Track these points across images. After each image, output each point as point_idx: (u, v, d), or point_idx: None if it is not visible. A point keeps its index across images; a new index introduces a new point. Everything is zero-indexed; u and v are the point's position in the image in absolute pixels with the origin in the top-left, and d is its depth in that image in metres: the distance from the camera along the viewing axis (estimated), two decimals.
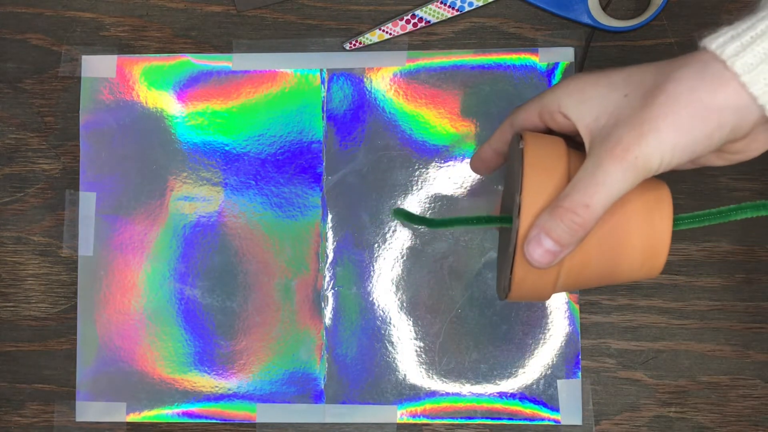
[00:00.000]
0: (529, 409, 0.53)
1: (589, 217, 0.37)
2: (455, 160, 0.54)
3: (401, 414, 0.54)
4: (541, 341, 0.53)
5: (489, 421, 0.53)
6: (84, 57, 0.56)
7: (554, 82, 0.54)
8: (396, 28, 0.54)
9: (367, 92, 0.55)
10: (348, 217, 0.54)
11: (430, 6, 0.53)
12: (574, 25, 0.54)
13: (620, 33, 0.54)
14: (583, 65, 0.54)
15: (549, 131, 0.43)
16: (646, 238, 0.40)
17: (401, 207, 0.53)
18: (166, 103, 0.55)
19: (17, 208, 0.56)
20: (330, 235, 0.54)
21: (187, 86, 0.55)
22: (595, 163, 0.37)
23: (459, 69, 0.54)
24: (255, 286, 0.54)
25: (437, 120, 0.54)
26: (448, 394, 0.53)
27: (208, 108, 0.55)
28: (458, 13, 0.54)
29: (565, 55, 0.54)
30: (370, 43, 0.53)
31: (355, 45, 0.54)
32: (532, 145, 0.40)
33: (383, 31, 0.53)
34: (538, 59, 0.54)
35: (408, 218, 0.44)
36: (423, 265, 0.54)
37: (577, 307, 0.53)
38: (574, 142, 0.41)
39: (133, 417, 0.54)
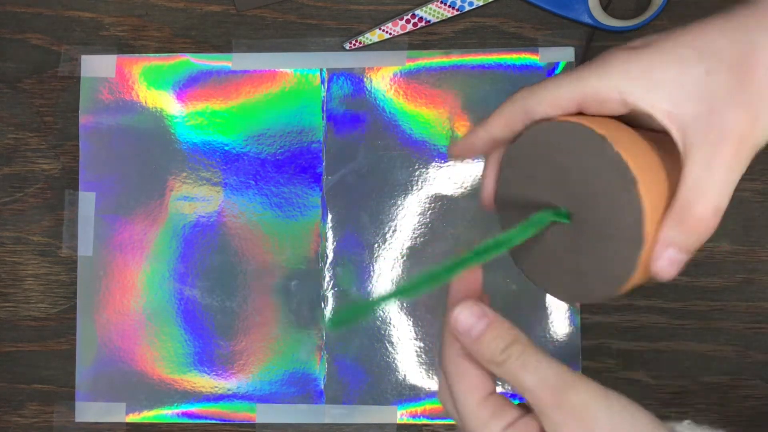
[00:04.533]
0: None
1: (719, 219, 0.33)
2: (457, 161, 0.54)
3: (401, 414, 0.53)
4: (541, 341, 0.53)
5: None
6: (83, 57, 0.56)
7: None
8: (396, 27, 0.54)
9: (367, 92, 0.55)
10: (348, 217, 0.54)
11: (430, 6, 0.53)
12: (574, 24, 0.54)
13: (620, 33, 0.54)
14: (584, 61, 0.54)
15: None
16: None
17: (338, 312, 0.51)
18: (166, 103, 0.55)
19: (17, 208, 0.56)
20: (330, 235, 0.54)
21: (187, 86, 0.55)
22: (708, 159, 0.32)
23: (459, 69, 0.54)
24: (255, 286, 0.54)
25: (437, 120, 0.54)
26: None
27: (208, 108, 0.55)
28: (458, 12, 0.54)
29: (565, 55, 0.54)
30: (370, 42, 0.53)
31: (355, 45, 0.54)
32: (624, 146, 0.34)
33: (383, 30, 0.53)
34: (539, 59, 0.54)
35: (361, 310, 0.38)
36: (423, 265, 0.54)
37: (577, 307, 0.53)
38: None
39: (133, 417, 0.54)
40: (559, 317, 0.53)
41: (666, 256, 0.34)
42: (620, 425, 0.32)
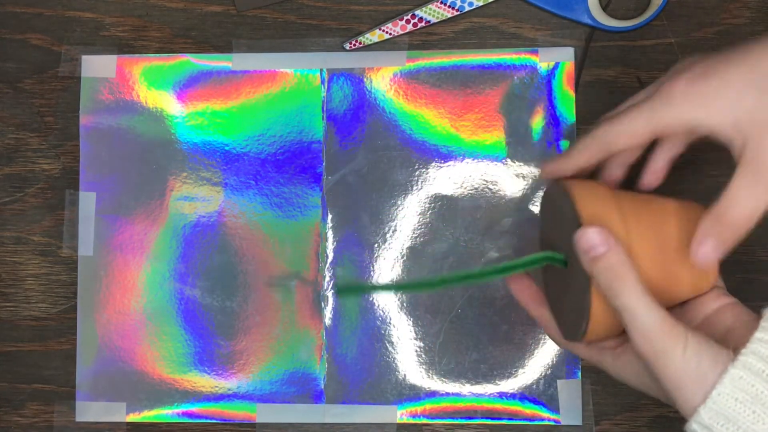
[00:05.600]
0: (529, 409, 0.53)
1: (753, 224, 0.40)
2: (455, 160, 0.54)
3: (401, 414, 0.54)
4: (541, 341, 0.53)
5: (489, 421, 0.53)
6: (84, 57, 0.56)
7: (555, 82, 0.54)
8: (396, 28, 0.54)
9: (367, 92, 0.55)
10: (348, 217, 0.54)
11: (430, 6, 0.53)
12: (574, 24, 0.54)
13: (620, 33, 0.54)
14: (582, 65, 0.54)
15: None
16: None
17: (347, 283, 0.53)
18: (166, 103, 0.55)
19: (17, 208, 0.56)
20: (330, 235, 0.54)
21: (187, 86, 0.55)
22: (752, 173, 0.39)
23: (459, 69, 0.54)
24: (255, 286, 0.54)
25: (437, 120, 0.54)
26: (448, 394, 0.53)
27: (208, 108, 0.55)
28: (458, 13, 0.54)
29: (565, 55, 0.54)
30: (370, 43, 0.53)
31: (355, 45, 0.54)
32: (589, 204, 0.41)
33: (383, 31, 0.53)
34: (538, 59, 0.54)
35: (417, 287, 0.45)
36: (423, 265, 0.54)
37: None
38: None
39: (133, 417, 0.54)
40: None
41: (705, 246, 0.39)
42: None
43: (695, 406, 0.36)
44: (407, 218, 0.54)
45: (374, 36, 0.54)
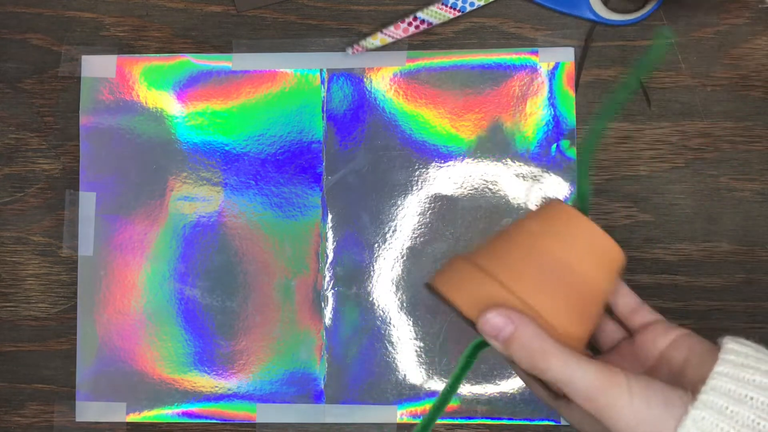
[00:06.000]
0: (529, 410, 0.53)
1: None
2: (455, 160, 0.54)
3: (401, 414, 0.54)
4: None
5: (489, 421, 0.53)
6: (84, 57, 0.56)
7: (555, 82, 0.54)
8: (398, 31, 0.54)
9: (367, 92, 0.55)
10: (348, 217, 0.54)
11: (431, 8, 0.53)
12: (574, 24, 0.54)
13: (620, 33, 0.54)
14: (582, 65, 0.54)
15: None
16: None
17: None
18: (166, 103, 0.55)
19: (17, 208, 0.56)
20: (330, 235, 0.54)
21: (187, 86, 0.55)
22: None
23: (459, 69, 0.54)
24: (255, 286, 0.54)
25: (437, 120, 0.54)
26: None
27: (208, 108, 0.55)
28: (460, 13, 0.54)
29: (565, 55, 0.54)
30: (372, 47, 0.53)
31: (357, 51, 0.54)
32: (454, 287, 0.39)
33: (385, 34, 0.53)
34: (538, 59, 0.54)
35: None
36: (423, 265, 0.54)
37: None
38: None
39: (133, 417, 0.54)
40: None
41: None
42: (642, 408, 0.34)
43: None
44: (407, 218, 0.54)
45: (376, 40, 0.54)
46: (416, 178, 0.54)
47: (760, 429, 0.32)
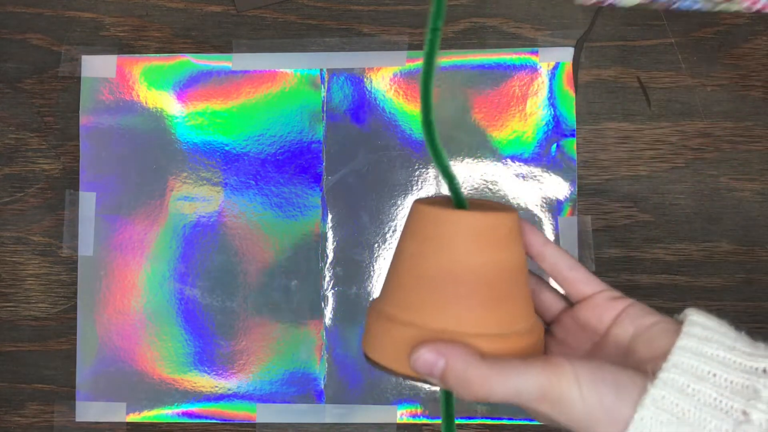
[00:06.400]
0: None
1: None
2: (455, 160, 0.54)
3: (401, 414, 0.54)
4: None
5: (489, 421, 0.53)
6: (84, 57, 0.56)
7: (555, 82, 0.54)
8: None
9: (367, 92, 0.55)
10: (348, 217, 0.54)
11: None
12: (574, 24, 0.54)
13: (620, 33, 0.54)
14: (578, 66, 0.54)
15: None
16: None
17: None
18: (166, 103, 0.55)
19: (17, 208, 0.56)
20: (330, 235, 0.54)
21: (187, 86, 0.55)
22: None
23: (459, 69, 0.54)
24: (255, 286, 0.54)
25: (437, 120, 0.54)
26: None
27: (208, 108, 0.55)
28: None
29: (565, 55, 0.54)
30: (628, 4, 0.44)
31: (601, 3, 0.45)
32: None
33: None
34: (538, 59, 0.54)
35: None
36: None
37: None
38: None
39: (133, 417, 0.54)
40: None
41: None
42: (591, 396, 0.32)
43: None
44: None
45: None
46: (416, 178, 0.54)
47: (721, 407, 0.31)
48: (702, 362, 0.32)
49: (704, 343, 0.32)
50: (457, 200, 0.36)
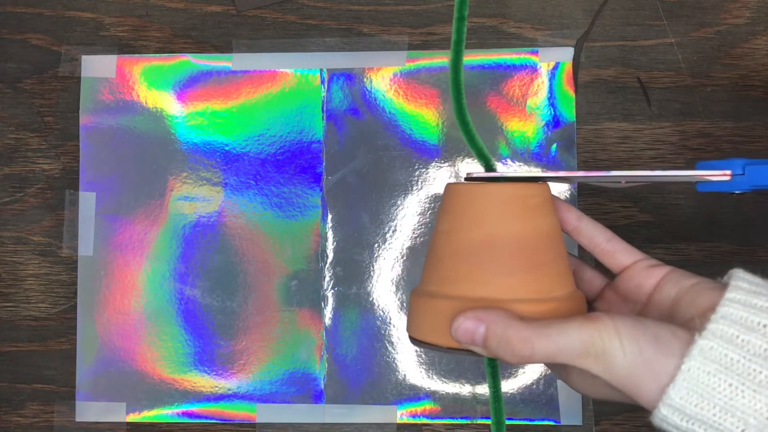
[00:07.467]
0: (529, 410, 0.53)
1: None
2: (455, 160, 0.54)
3: (401, 414, 0.54)
4: None
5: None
6: (84, 57, 0.56)
7: (555, 82, 0.54)
8: None
9: (367, 92, 0.55)
10: (348, 217, 0.54)
11: None
12: (575, 24, 0.54)
13: (620, 33, 0.54)
14: (578, 66, 0.54)
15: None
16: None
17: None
18: (166, 103, 0.55)
19: (17, 208, 0.56)
20: (330, 235, 0.54)
21: (187, 86, 0.55)
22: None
23: None
24: (255, 286, 0.54)
25: (437, 120, 0.54)
26: (448, 394, 0.53)
27: (208, 108, 0.55)
28: None
29: (565, 55, 0.54)
30: None
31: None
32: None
33: None
34: (538, 59, 0.54)
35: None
36: (423, 265, 0.54)
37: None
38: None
39: (133, 417, 0.54)
40: None
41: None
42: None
43: (662, 388, 0.31)
44: (407, 218, 0.54)
45: None
46: (416, 178, 0.54)
47: None
48: (752, 313, 0.32)
49: (753, 295, 0.32)
50: (489, 170, 0.37)
